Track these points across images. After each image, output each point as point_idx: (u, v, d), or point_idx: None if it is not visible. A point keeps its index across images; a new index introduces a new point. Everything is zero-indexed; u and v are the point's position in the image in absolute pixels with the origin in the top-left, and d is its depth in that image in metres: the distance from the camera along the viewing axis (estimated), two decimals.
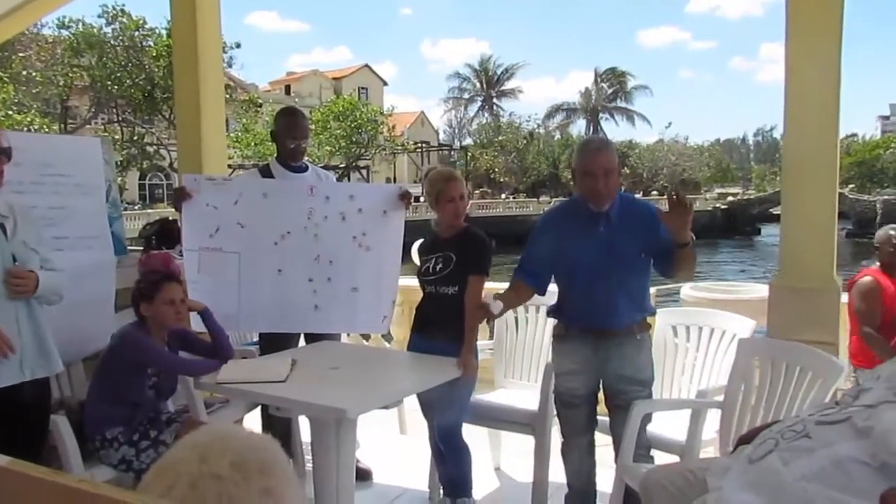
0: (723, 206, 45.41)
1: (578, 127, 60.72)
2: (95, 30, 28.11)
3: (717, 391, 3.06)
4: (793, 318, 3.29)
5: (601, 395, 3.11)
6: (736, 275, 24.75)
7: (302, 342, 3.77)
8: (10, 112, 23.88)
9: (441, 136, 58.59)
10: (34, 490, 0.80)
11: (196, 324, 3.28)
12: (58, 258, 2.81)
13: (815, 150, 3.30)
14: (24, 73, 26.62)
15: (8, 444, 2.44)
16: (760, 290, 4.64)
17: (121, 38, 28.49)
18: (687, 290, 5.18)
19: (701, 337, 3.46)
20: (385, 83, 57.06)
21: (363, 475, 3.63)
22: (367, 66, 55.73)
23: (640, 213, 3.02)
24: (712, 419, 3.03)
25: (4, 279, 2.52)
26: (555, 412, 3.24)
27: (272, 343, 3.59)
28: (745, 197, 50.17)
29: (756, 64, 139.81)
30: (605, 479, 3.13)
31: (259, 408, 3.68)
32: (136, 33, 28.47)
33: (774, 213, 45.24)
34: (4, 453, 0.96)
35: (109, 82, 28.44)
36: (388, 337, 5.29)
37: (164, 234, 4.32)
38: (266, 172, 3.80)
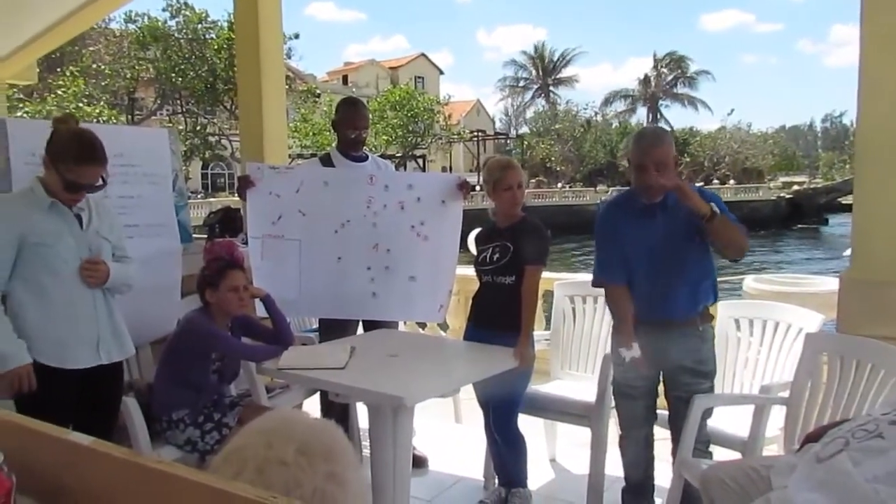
0: (787, 196, 44.04)
1: (638, 115, 59.71)
2: (160, 23, 28.85)
3: (781, 387, 2.98)
4: (864, 313, 3.16)
5: (660, 389, 3.07)
6: (802, 267, 24.01)
7: (360, 330, 3.82)
8: (81, 104, 24.69)
9: (497, 124, 58.36)
10: (115, 469, 0.83)
11: (259, 310, 3.35)
12: (129, 246, 2.91)
13: (891, 136, 3.16)
14: (94, 66, 27.50)
15: (83, 424, 2.55)
16: (829, 283, 4.48)
17: (184, 30, 29.20)
18: (750, 282, 5.04)
19: (765, 331, 3.37)
20: (441, 72, 57.06)
21: (419, 462, 3.66)
22: (423, 55, 55.82)
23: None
24: (776, 416, 2.96)
25: (80, 269, 2.62)
26: (613, 404, 3.21)
27: (331, 330, 3.65)
28: (812, 186, 48.59)
29: (825, 47, 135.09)
30: (662, 473, 3.10)
31: (318, 393, 3.74)
32: (199, 26, 29.12)
33: (843, 202, 43.68)
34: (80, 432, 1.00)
35: (173, 74, 29.18)
36: (443, 326, 5.33)
37: (228, 222, 4.41)
38: (326, 161, 3.85)
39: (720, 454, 3.05)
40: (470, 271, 3.53)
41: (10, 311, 2.56)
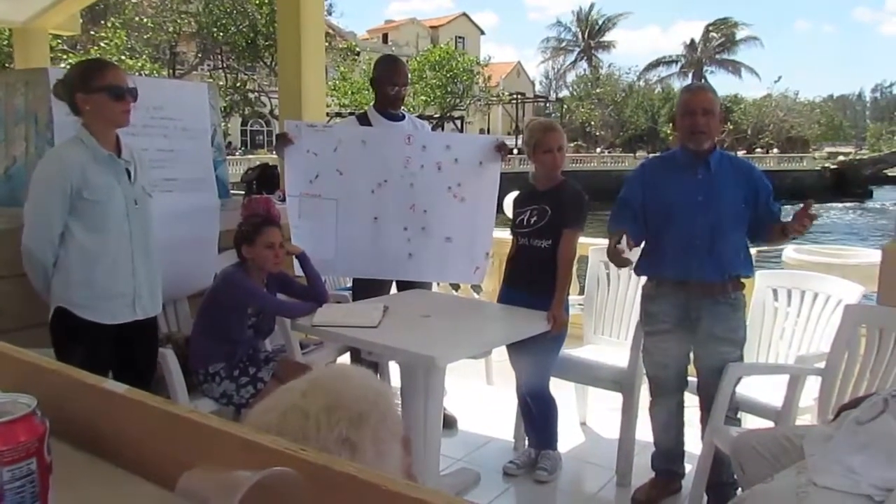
0: (832, 166, 42.89)
1: (682, 81, 58.22)
2: None
3: (817, 358, 2.94)
4: None
5: (691, 356, 3.05)
6: (845, 238, 23.48)
7: (394, 289, 3.83)
8: (123, 57, 24.83)
9: (537, 87, 57.61)
10: (148, 417, 0.84)
11: (297, 269, 3.38)
12: (166, 199, 2.92)
13: None
14: (136, 19, 27.60)
15: (121, 377, 2.60)
16: (871, 255, 4.39)
17: None
18: (790, 252, 4.96)
19: (803, 301, 3.32)
20: (482, 32, 56.36)
21: (449, 423, 3.69)
22: (464, 14, 55.14)
23: (741, 165, 3.02)
24: (811, 386, 2.93)
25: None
26: (644, 371, 3.20)
27: (365, 289, 3.67)
28: (858, 157, 47.29)
29: (882, 15, 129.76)
30: (691, 439, 3.11)
31: (349, 352, 3.78)
32: None
33: (890, 174, 42.48)
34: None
35: (215, 29, 29.19)
36: (477, 288, 5.33)
37: (265, 179, 4.44)
38: (364, 120, 3.83)
39: (753, 422, 3.03)
40: (505, 234, 3.51)
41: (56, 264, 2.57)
